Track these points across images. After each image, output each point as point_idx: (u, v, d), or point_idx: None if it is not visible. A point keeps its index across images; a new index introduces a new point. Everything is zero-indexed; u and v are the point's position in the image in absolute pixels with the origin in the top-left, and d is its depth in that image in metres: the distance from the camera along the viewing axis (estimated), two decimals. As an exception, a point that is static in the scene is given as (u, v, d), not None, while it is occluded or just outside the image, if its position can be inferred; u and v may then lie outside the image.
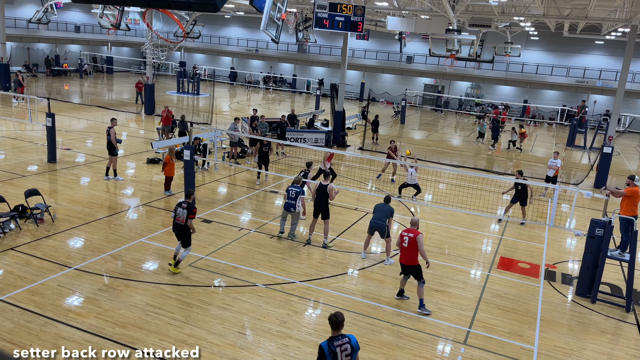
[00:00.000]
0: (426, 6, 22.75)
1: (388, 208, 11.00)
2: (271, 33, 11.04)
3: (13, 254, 10.15)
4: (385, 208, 11.00)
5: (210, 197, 14.86)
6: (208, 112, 27.93)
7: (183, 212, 9.65)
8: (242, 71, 51.55)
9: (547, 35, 39.37)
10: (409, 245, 9.08)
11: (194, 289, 9.36)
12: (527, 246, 13.07)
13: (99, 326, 7.95)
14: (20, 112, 25.32)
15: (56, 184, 14.91)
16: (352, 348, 5.63)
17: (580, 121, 31.14)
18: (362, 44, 45.50)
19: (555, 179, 17.28)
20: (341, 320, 5.61)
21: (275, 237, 12.11)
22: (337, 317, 5.59)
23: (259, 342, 7.93)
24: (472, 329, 8.87)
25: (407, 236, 9.10)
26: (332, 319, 5.59)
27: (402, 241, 9.18)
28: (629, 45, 18.94)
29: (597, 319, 9.66)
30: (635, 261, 10.06)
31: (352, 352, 5.62)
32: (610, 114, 21.25)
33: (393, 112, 38.35)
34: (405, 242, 9.10)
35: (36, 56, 44.56)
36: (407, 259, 9.19)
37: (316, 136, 23.64)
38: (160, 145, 19.29)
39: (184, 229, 9.71)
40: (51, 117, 16.20)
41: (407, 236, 9.09)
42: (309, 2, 25.19)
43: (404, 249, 9.16)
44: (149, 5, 9.22)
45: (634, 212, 10.58)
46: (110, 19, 28.62)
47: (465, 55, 24.26)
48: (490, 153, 26.18)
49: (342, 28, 17.89)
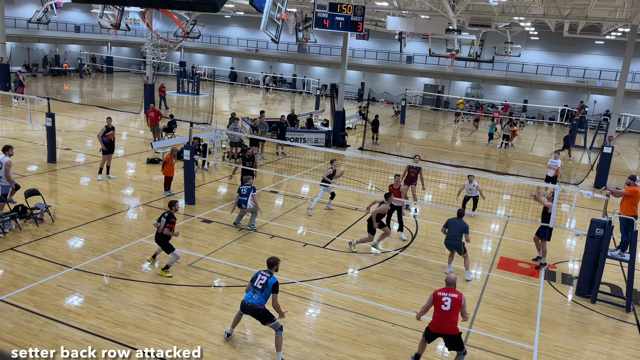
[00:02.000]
0: (426, 6, 22.75)
1: (462, 224, 10.49)
2: (271, 33, 11.04)
3: (13, 254, 10.15)
4: (459, 224, 10.52)
5: (210, 197, 14.86)
6: (208, 112, 27.95)
7: (163, 220, 9.76)
8: (242, 71, 51.58)
9: (547, 35, 39.39)
10: (451, 309, 7.10)
11: (194, 289, 9.35)
12: (527, 246, 13.07)
13: (99, 326, 7.95)
14: (20, 112, 25.31)
15: (56, 184, 14.91)
16: (267, 283, 7.36)
17: (580, 121, 31.15)
18: (362, 44, 45.51)
19: (555, 179, 17.29)
20: (272, 262, 7.55)
21: (275, 237, 12.11)
22: (271, 259, 7.59)
23: (259, 342, 7.93)
24: (472, 329, 8.87)
25: (448, 297, 7.13)
26: (268, 260, 7.62)
27: (440, 303, 7.15)
28: (629, 45, 18.94)
29: (597, 319, 9.66)
30: (635, 261, 10.06)
31: (265, 285, 7.35)
32: (610, 114, 21.24)
33: (393, 112, 38.36)
34: (447, 304, 7.10)
35: (36, 56, 44.58)
36: (447, 326, 7.15)
37: (316, 136, 23.64)
38: (160, 145, 19.31)
39: (161, 236, 9.76)
40: (51, 117, 16.19)
41: (449, 297, 7.13)
42: (309, 2, 25.19)
43: (444, 313, 7.12)
44: (149, 5, 9.23)
45: (634, 212, 10.58)
46: (110, 19, 28.61)
47: (465, 55, 24.25)
48: (487, 151, 26.30)
49: (342, 28, 17.89)
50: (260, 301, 7.36)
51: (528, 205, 16.31)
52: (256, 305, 7.36)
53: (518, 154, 26.25)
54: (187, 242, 11.56)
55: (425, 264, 11.38)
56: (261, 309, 7.36)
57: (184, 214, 13.23)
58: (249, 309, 7.43)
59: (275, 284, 7.37)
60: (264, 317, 7.40)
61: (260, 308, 7.35)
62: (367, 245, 11.97)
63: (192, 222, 12.73)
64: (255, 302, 7.38)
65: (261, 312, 7.37)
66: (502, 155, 25.90)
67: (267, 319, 7.41)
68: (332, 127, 24.60)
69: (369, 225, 11.53)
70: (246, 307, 7.45)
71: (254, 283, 7.48)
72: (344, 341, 8.14)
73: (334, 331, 8.39)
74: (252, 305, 7.39)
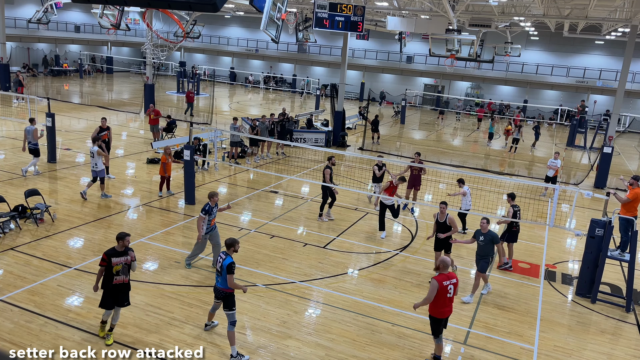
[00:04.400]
0: (426, 6, 22.75)
1: (491, 234, 9.82)
2: (271, 33, 11.03)
3: (13, 254, 10.15)
4: (488, 233, 9.80)
5: (210, 197, 14.85)
6: (208, 112, 27.94)
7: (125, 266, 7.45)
8: (242, 71, 51.57)
9: (547, 35, 39.38)
10: (453, 294, 7.47)
11: (194, 289, 9.35)
12: (527, 246, 13.07)
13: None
14: (20, 112, 25.30)
15: (56, 184, 14.90)
16: (222, 265, 7.34)
17: (580, 121, 31.16)
18: (362, 44, 45.51)
19: (555, 179, 17.29)
20: (229, 243, 7.48)
21: (275, 237, 12.11)
22: (228, 240, 7.51)
23: (259, 342, 7.93)
24: (472, 329, 8.87)
25: (451, 284, 7.38)
26: (226, 240, 7.54)
27: (446, 292, 7.32)
28: (629, 45, 18.94)
29: (597, 319, 9.65)
30: (635, 261, 10.06)
31: (221, 268, 7.31)
32: (611, 114, 21.24)
33: (393, 112, 38.35)
34: (451, 291, 7.39)
35: (36, 56, 44.57)
36: (451, 309, 7.60)
37: (316, 136, 23.64)
38: (160, 145, 19.31)
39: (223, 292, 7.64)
40: (51, 117, 16.19)
41: (451, 284, 7.39)
42: (309, 2, 25.18)
43: (449, 299, 7.42)
44: (149, 5, 9.23)
45: (634, 212, 10.59)
46: (110, 19, 28.59)
47: (465, 55, 24.23)
48: (488, 150, 26.39)
49: (342, 28, 17.88)
50: (224, 284, 7.42)
51: (528, 205, 16.31)
52: (221, 288, 7.46)
53: (518, 154, 26.24)
54: (187, 242, 11.56)
55: (425, 264, 11.38)
56: (226, 292, 7.43)
57: (184, 214, 13.23)
58: (216, 292, 7.60)
59: (229, 265, 7.28)
60: (227, 302, 7.46)
61: (225, 291, 7.43)
62: None
63: (192, 222, 12.73)
64: (220, 285, 7.48)
65: (225, 295, 7.45)
66: (510, 157, 25.87)
67: (228, 305, 7.45)
68: (332, 127, 24.61)
69: None
70: (215, 291, 7.65)
71: (216, 266, 7.57)
72: (344, 341, 8.13)
73: (334, 331, 8.39)
74: (218, 289, 7.51)
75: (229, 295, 7.42)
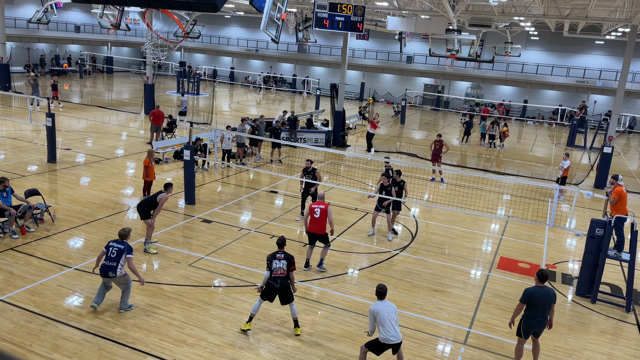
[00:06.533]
0: (426, 6, 22.75)
1: (549, 294, 7.39)
2: (271, 33, 11.03)
3: (13, 254, 10.15)
4: (547, 295, 7.37)
5: (210, 197, 14.86)
6: (208, 112, 27.94)
7: (283, 263, 8.06)
8: (242, 71, 51.57)
9: (547, 35, 39.37)
10: (320, 216, 10.12)
11: (194, 289, 9.35)
12: (527, 246, 13.07)
13: (99, 326, 7.94)
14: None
15: (56, 184, 14.90)
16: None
17: (580, 121, 31.15)
18: (362, 44, 45.51)
19: (565, 179, 17.16)
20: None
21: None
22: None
23: (259, 342, 7.93)
24: (472, 329, 8.87)
25: (318, 208, 10.15)
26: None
27: (312, 213, 10.14)
28: (629, 45, 18.94)
29: (597, 319, 9.66)
30: (635, 261, 10.07)
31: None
32: (611, 114, 21.24)
33: (393, 112, 38.35)
34: (317, 213, 10.11)
35: (36, 56, 44.58)
36: (317, 228, 10.19)
37: (316, 136, 23.64)
38: (160, 145, 19.31)
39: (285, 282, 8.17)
40: (51, 117, 16.19)
41: (319, 208, 10.15)
42: (309, 2, 25.18)
43: (315, 219, 10.14)
44: (149, 5, 9.22)
45: (624, 211, 10.65)
46: (110, 19, 28.59)
47: (465, 55, 24.23)
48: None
49: (342, 28, 17.88)
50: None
51: (528, 206, 16.31)
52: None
53: (518, 154, 26.25)
54: (187, 242, 11.57)
55: (425, 264, 11.38)
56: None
57: (184, 214, 13.23)
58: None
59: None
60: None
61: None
62: None
63: (192, 222, 12.73)
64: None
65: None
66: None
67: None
68: (332, 127, 24.61)
69: None
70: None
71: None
72: (344, 341, 8.13)
73: (334, 331, 8.39)
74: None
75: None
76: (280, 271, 7.95)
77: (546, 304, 7.34)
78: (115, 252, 8.11)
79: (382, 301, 7.06)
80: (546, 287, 7.39)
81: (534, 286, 7.45)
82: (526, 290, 7.41)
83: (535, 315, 7.38)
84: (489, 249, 12.78)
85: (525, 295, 7.35)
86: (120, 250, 8.13)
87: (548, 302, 7.34)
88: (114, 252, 8.12)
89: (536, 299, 7.30)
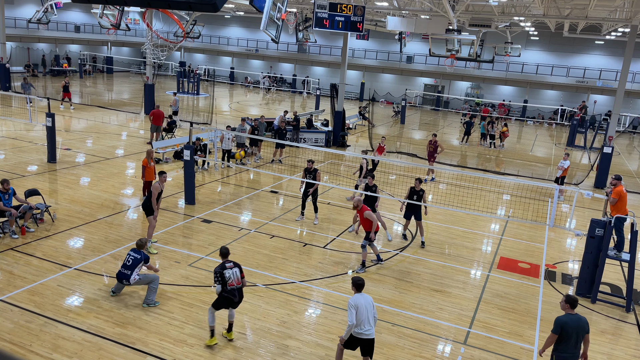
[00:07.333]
0: (426, 6, 22.75)
1: (582, 322, 6.65)
2: (271, 33, 11.04)
3: (13, 254, 10.15)
4: (581, 323, 6.64)
5: (210, 197, 14.86)
6: (208, 112, 27.94)
7: (236, 271, 7.78)
8: (242, 71, 51.57)
9: (547, 35, 39.37)
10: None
11: (194, 289, 9.35)
12: (527, 246, 13.07)
13: (99, 326, 7.95)
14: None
15: (56, 184, 14.90)
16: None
17: (580, 121, 31.16)
18: (362, 44, 45.50)
19: (563, 179, 17.21)
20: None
21: (275, 237, 12.11)
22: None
23: (259, 342, 7.93)
24: (472, 329, 8.87)
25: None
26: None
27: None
28: (629, 45, 18.94)
29: (597, 319, 9.66)
30: (635, 261, 10.07)
31: None
32: (611, 114, 21.25)
33: (393, 112, 38.35)
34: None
35: (36, 56, 44.57)
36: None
37: (316, 136, 23.64)
38: (160, 145, 19.31)
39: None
40: (51, 117, 16.19)
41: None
42: (309, 2, 25.18)
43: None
44: (149, 5, 9.21)
45: (624, 211, 10.65)
46: (110, 19, 28.58)
47: (465, 55, 24.25)
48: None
49: (342, 28, 17.88)
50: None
51: (528, 206, 16.31)
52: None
53: (518, 154, 26.25)
54: (187, 242, 11.57)
55: (425, 264, 11.38)
56: None
57: (184, 214, 13.23)
58: None
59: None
60: None
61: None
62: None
63: (192, 222, 12.73)
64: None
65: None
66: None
67: None
68: (332, 127, 24.61)
69: None
70: None
71: None
72: (344, 341, 8.12)
73: (334, 331, 8.38)
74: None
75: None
76: (235, 281, 7.65)
77: (579, 334, 6.58)
78: (131, 261, 8.52)
79: (360, 294, 6.99)
80: (578, 315, 6.66)
81: (565, 314, 6.67)
82: (558, 320, 6.60)
83: (567, 348, 6.59)
84: (489, 249, 12.78)
85: (558, 324, 6.56)
86: (136, 260, 8.51)
87: (582, 332, 6.59)
88: (129, 260, 8.52)
89: (569, 328, 6.52)
